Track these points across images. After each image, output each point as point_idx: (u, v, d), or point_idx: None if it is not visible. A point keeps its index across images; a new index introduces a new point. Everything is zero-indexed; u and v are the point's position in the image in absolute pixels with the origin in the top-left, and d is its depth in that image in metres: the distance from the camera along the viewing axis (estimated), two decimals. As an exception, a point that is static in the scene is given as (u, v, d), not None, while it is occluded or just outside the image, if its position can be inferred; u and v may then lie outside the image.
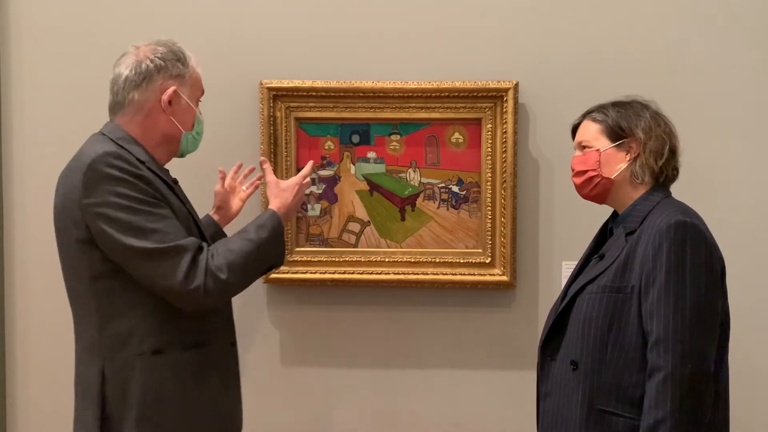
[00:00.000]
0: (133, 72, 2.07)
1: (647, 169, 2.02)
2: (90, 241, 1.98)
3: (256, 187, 2.61)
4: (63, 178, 2.04)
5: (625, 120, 2.04)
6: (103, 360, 2.02)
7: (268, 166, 2.32)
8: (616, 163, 2.04)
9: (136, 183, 1.97)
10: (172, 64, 2.10)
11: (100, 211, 1.95)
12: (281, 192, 2.23)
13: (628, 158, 2.03)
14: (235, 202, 2.56)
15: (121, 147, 2.02)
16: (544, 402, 2.08)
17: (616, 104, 2.08)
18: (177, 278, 1.95)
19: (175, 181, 2.15)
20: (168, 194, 2.05)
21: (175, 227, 2.00)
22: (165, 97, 2.08)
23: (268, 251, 2.12)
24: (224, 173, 2.56)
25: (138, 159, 2.03)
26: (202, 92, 2.22)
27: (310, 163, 2.38)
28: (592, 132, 2.08)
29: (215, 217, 2.50)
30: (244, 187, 2.58)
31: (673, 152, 2.04)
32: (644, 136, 2.01)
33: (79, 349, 2.10)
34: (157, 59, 2.08)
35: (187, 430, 2.07)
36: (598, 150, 2.06)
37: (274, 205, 2.21)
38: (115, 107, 2.10)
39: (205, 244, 2.04)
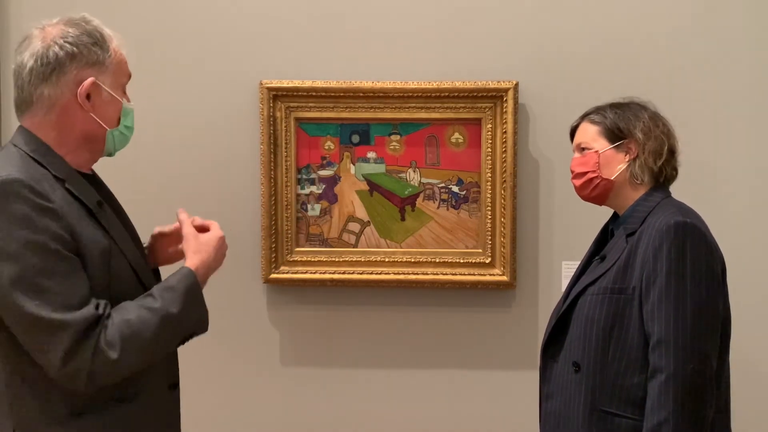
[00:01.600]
0: (39, 62, 1.69)
1: (646, 169, 2.02)
2: None
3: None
4: None
5: (624, 121, 2.04)
6: (14, 421, 1.70)
7: (185, 217, 1.91)
8: (616, 164, 2.05)
9: (41, 222, 1.61)
10: (87, 50, 1.72)
11: None
12: (201, 246, 1.85)
13: (627, 159, 2.04)
14: (165, 255, 2.06)
15: (36, 161, 1.69)
16: (546, 403, 2.08)
17: (614, 106, 2.09)
18: (55, 358, 1.61)
19: (100, 203, 1.76)
20: (82, 228, 1.69)
21: (71, 287, 1.63)
22: (82, 90, 1.71)
23: (180, 319, 1.74)
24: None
25: (55, 176, 1.69)
26: (129, 76, 1.84)
27: (187, 217, 1.93)
28: (590, 134, 2.08)
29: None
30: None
31: (672, 152, 2.04)
32: (643, 137, 2.01)
33: None
34: (67, 45, 1.70)
35: None
36: (596, 151, 2.06)
37: (193, 262, 1.81)
38: (22, 105, 1.74)
39: (106, 312, 1.67)
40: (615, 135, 2.05)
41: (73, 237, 1.66)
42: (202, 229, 1.91)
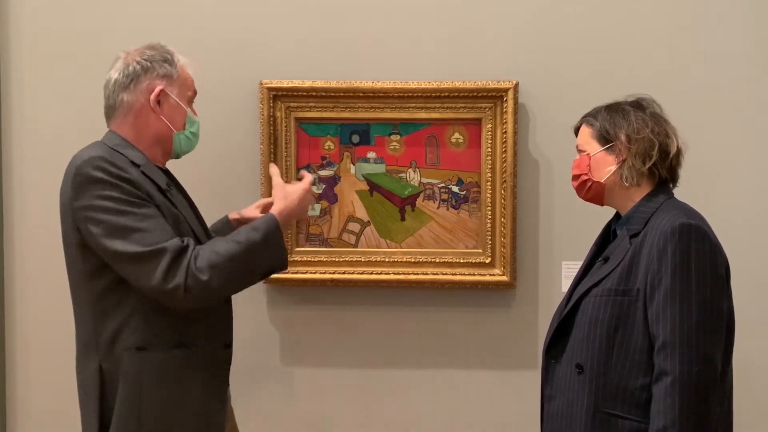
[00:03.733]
0: (121, 74, 2.13)
1: (635, 172, 2.01)
2: (83, 243, 2.04)
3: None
4: (62, 182, 2.10)
5: (611, 124, 2.04)
6: (99, 358, 2.08)
7: (275, 170, 2.34)
8: (605, 167, 2.04)
9: (122, 185, 2.01)
10: (158, 65, 2.15)
11: (87, 214, 2.01)
12: (287, 194, 2.22)
13: (616, 162, 2.03)
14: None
15: (117, 152, 2.08)
16: (548, 404, 2.07)
17: (609, 107, 2.08)
18: (156, 279, 1.98)
19: (169, 185, 2.16)
20: (156, 196, 2.08)
21: (160, 225, 2.02)
22: (153, 96, 2.13)
23: (260, 254, 2.11)
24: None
25: (133, 162, 2.08)
26: (194, 93, 2.26)
27: (309, 176, 2.33)
28: (585, 136, 2.09)
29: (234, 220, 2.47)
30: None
31: (666, 153, 2.01)
32: (626, 140, 2.01)
33: (78, 348, 2.15)
34: (143, 61, 2.14)
35: (165, 428, 2.09)
36: (588, 154, 2.07)
37: (277, 207, 2.20)
38: (108, 111, 2.17)
39: (192, 245, 2.04)
40: (604, 138, 2.05)
41: (151, 199, 2.05)
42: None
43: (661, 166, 2.02)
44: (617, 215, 2.12)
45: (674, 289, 1.85)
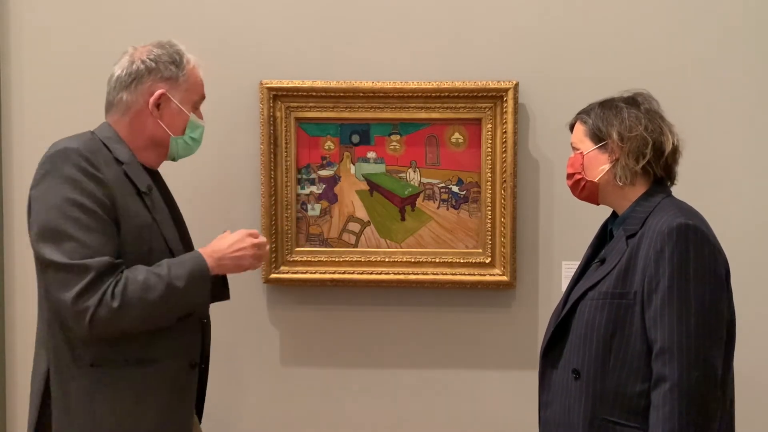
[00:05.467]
0: (125, 72, 2.06)
1: (628, 171, 1.96)
2: None
3: None
4: None
5: (603, 122, 1.99)
6: (48, 361, 1.97)
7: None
8: (598, 165, 2.00)
9: (86, 185, 1.90)
10: (164, 66, 2.06)
11: (34, 205, 1.93)
12: (220, 239, 2.09)
13: (610, 160, 1.98)
14: None
15: (104, 145, 2.01)
16: (545, 411, 2.03)
17: (603, 104, 2.03)
18: (69, 296, 1.86)
19: (150, 188, 2.05)
20: (127, 202, 1.97)
21: (100, 240, 1.89)
22: (152, 99, 2.05)
23: (182, 293, 1.95)
24: None
25: (117, 159, 2.00)
26: (202, 97, 2.18)
27: (262, 237, 2.17)
28: (579, 134, 2.06)
29: None
30: None
31: (661, 151, 1.96)
32: (618, 138, 1.96)
33: (36, 344, 2.06)
34: (149, 60, 2.06)
35: None
36: (581, 153, 2.03)
37: (206, 248, 2.06)
38: (108, 106, 2.10)
39: (122, 268, 1.92)
40: (597, 136, 2.01)
41: (114, 206, 1.93)
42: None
43: (656, 165, 1.97)
44: (614, 214, 2.07)
45: (672, 292, 1.80)
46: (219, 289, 2.16)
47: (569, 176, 2.07)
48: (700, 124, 2.68)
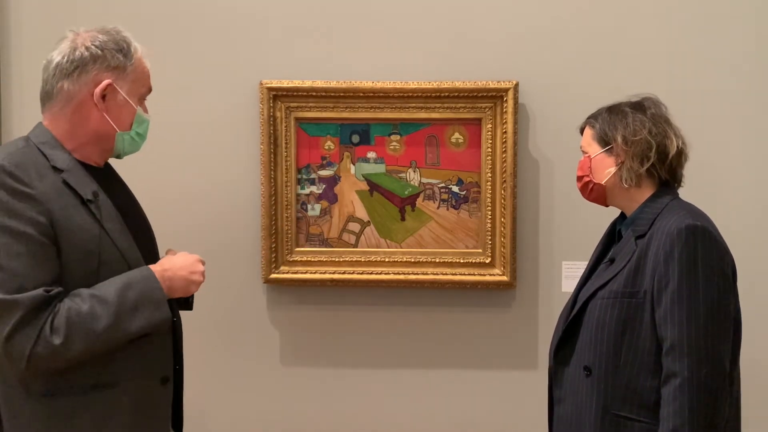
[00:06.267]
0: (66, 59, 1.83)
1: (633, 173, 2.01)
2: None
3: None
4: None
5: (609, 126, 2.05)
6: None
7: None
8: (605, 168, 2.05)
9: (12, 204, 1.70)
10: (111, 54, 1.85)
11: None
12: (170, 259, 1.93)
13: (616, 163, 2.04)
14: None
15: (40, 152, 1.80)
16: (557, 407, 2.08)
17: (610, 109, 2.09)
18: (0, 334, 1.68)
19: (96, 194, 1.84)
20: (68, 214, 1.77)
21: (30, 268, 1.70)
22: (98, 90, 1.83)
23: (132, 318, 1.78)
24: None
25: (55, 167, 1.79)
26: (149, 89, 1.97)
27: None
28: (587, 138, 2.11)
29: None
30: None
31: (665, 155, 2.01)
32: (623, 141, 2.01)
33: None
34: (93, 47, 1.84)
35: None
36: (589, 156, 2.08)
37: (156, 266, 1.88)
38: (45, 97, 1.87)
39: (60, 297, 1.73)
40: (603, 140, 2.06)
41: (52, 223, 1.73)
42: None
43: (660, 168, 2.02)
44: (622, 215, 2.12)
45: (681, 291, 1.85)
46: (183, 301, 2.01)
47: (579, 179, 2.12)
48: (702, 125, 2.67)
